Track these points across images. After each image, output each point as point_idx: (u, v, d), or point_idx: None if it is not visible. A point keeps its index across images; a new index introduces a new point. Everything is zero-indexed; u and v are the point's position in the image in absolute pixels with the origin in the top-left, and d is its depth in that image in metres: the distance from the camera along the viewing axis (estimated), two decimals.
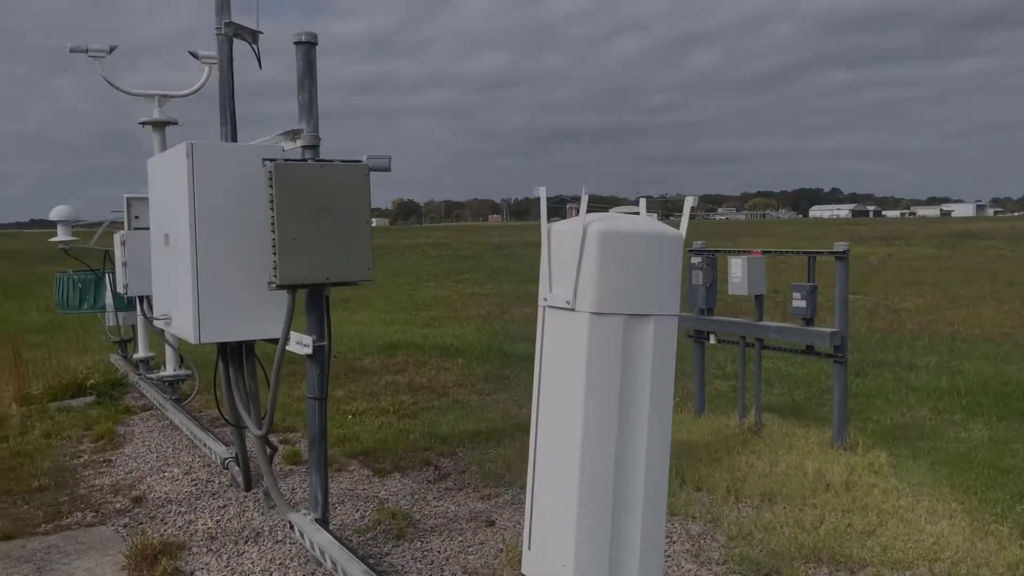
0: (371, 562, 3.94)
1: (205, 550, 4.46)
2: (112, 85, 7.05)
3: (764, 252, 6.51)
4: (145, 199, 7.63)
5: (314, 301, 4.08)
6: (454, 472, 5.74)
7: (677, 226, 2.62)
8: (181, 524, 4.84)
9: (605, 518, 2.53)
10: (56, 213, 8.40)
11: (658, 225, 2.57)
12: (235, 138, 5.01)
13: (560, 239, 2.61)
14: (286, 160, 3.83)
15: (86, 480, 5.67)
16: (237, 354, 4.53)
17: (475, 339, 12.45)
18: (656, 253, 2.50)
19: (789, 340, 6.32)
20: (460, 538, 4.60)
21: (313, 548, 4.01)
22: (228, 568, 4.24)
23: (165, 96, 7.20)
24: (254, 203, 4.16)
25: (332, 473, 5.41)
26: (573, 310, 2.49)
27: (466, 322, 14.67)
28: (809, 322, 6.18)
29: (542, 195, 2.69)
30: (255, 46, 5.17)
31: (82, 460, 6.14)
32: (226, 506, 5.12)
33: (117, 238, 7.15)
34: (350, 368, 9.74)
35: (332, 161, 3.91)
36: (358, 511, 5.03)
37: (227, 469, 5.42)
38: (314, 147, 4.02)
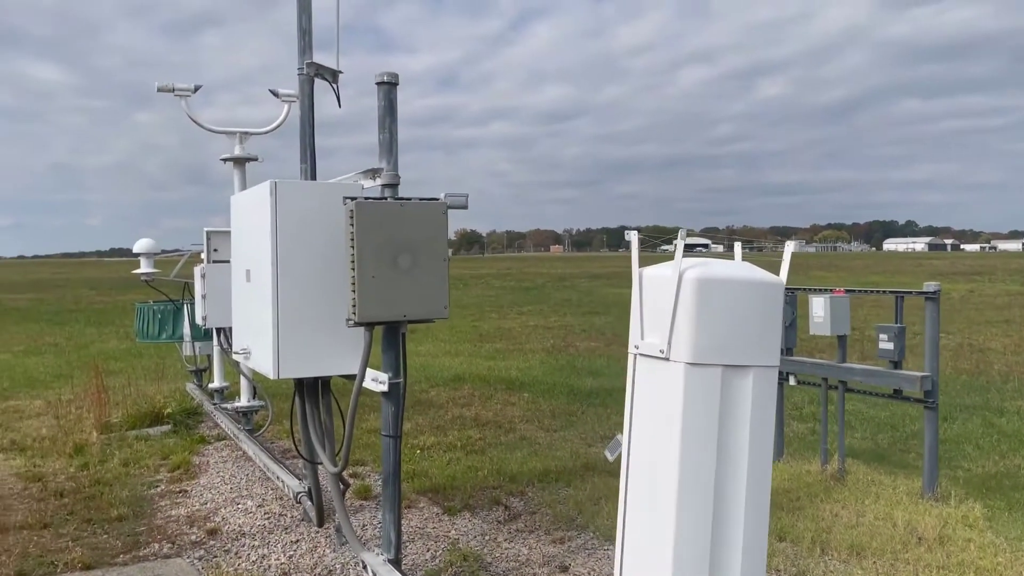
0: None
1: None
2: (196, 123, 7.28)
3: (848, 291, 6.27)
4: (224, 233, 7.83)
5: (391, 338, 4.07)
6: (524, 513, 5.64)
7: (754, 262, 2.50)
8: (255, 559, 4.85)
9: (702, 569, 2.39)
10: (140, 246, 8.69)
11: (756, 271, 2.45)
12: (315, 176, 5.09)
13: (653, 285, 2.50)
14: (366, 199, 3.85)
15: (163, 510, 5.75)
16: (313, 389, 4.55)
17: (540, 373, 12.35)
18: (756, 301, 2.38)
19: (876, 383, 6.05)
20: None
21: None
22: None
23: (246, 133, 7.40)
24: (334, 241, 4.20)
25: (402, 510, 5.37)
26: (667, 359, 2.38)
27: (530, 355, 14.60)
28: (897, 365, 5.90)
29: (633, 240, 2.60)
30: (335, 85, 5.27)
31: (159, 490, 6.24)
32: (299, 541, 5.11)
33: (197, 271, 7.33)
34: (417, 401, 9.75)
35: (411, 199, 3.92)
36: (429, 551, 4.96)
37: (300, 503, 5.43)
38: (394, 185, 4.04)
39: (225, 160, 7.38)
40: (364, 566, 4.28)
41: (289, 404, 8.73)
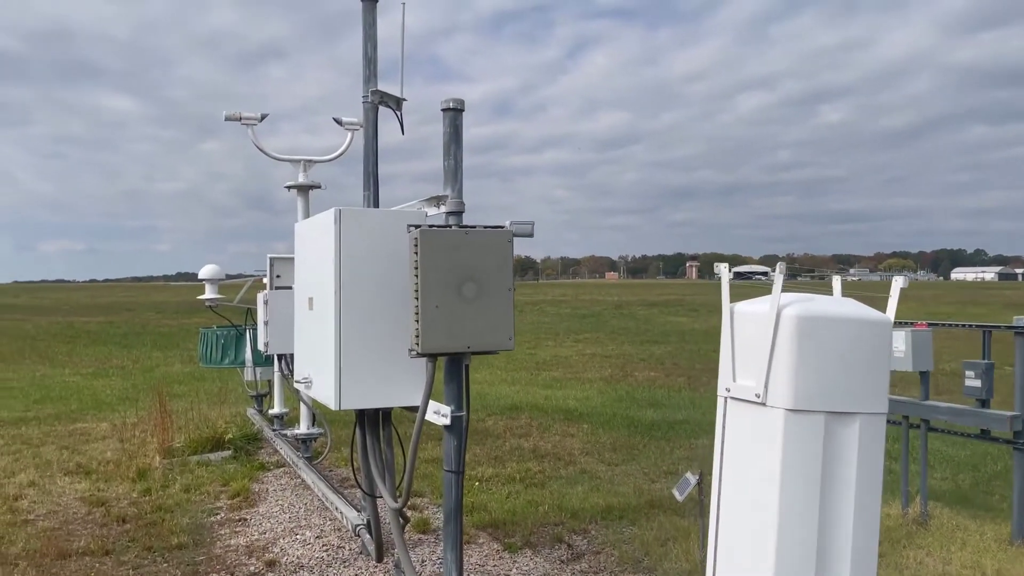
0: None
1: None
2: (262, 151, 7.36)
3: (931, 324, 5.95)
4: (287, 259, 7.87)
5: (454, 370, 3.96)
6: (588, 552, 5.43)
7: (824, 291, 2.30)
8: None
9: None
10: (205, 272, 8.81)
11: (861, 308, 2.24)
12: (377, 203, 5.06)
13: (747, 322, 2.31)
14: (430, 226, 3.77)
15: (222, 539, 5.72)
16: (374, 421, 4.46)
17: (599, 403, 12.12)
18: (862, 341, 2.17)
19: (963, 423, 5.70)
20: None
21: None
22: None
23: (310, 161, 7.45)
24: (397, 269, 4.13)
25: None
26: (764, 404, 2.19)
27: (588, 384, 14.36)
28: (985, 404, 5.55)
29: (723, 273, 2.42)
30: (399, 112, 5.25)
31: (218, 518, 6.22)
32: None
33: (260, 297, 7.37)
34: (474, 430, 9.62)
35: (475, 227, 3.82)
36: None
37: (358, 536, 5.33)
38: (459, 213, 3.95)
39: (289, 187, 7.44)
40: None
41: (347, 430, 8.71)
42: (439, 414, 3.96)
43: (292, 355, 7.27)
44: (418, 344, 3.66)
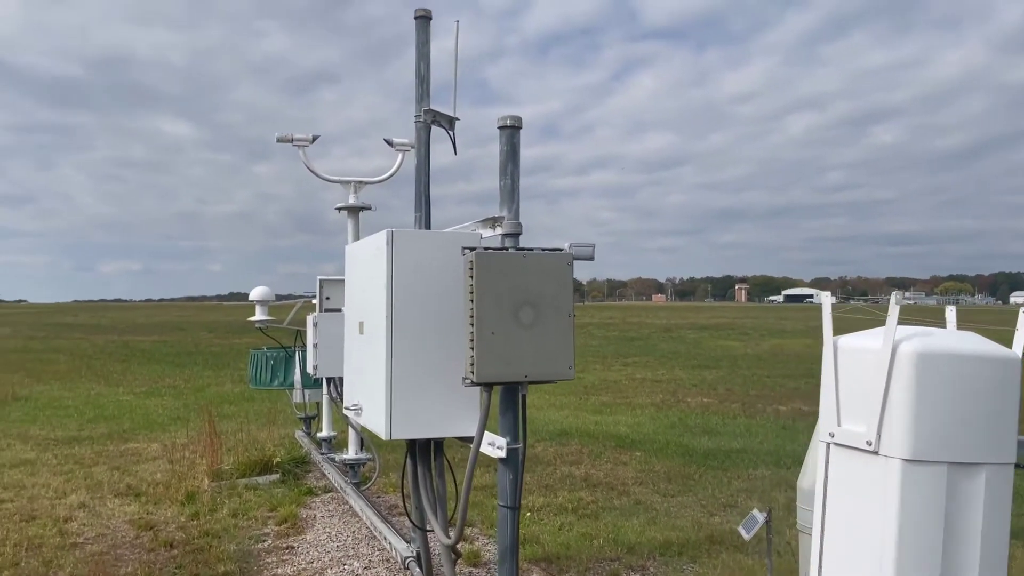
0: None
1: None
2: (313, 172, 7.32)
3: None
4: (336, 281, 7.81)
5: (509, 399, 3.77)
6: None
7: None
8: None
9: None
10: (255, 294, 8.80)
11: (984, 343, 1.98)
12: (429, 224, 4.92)
13: (854, 359, 2.04)
14: (485, 248, 3.60)
15: (269, 568, 5.58)
16: (426, 451, 4.29)
17: (651, 430, 11.79)
18: (989, 382, 1.90)
19: None
20: None
21: None
22: None
23: (361, 183, 7.38)
24: (451, 293, 3.97)
25: None
26: (876, 453, 1.94)
27: (639, 410, 14.03)
28: None
29: (825, 302, 2.17)
30: (451, 132, 5.13)
31: (266, 544, 6.10)
32: None
33: (310, 319, 7.30)
34: None
35: (533, 250, 3.65)
36: None
37: (408, 569, 5.14)
38: (515, 235, 3.78)
39: (339, 209, 7.38)
40: None
41: (395, 455, 8.58)
42: (494, 446, 3.78)
43: (341, 378, 7.19)
44: (473, 372, 3.48)
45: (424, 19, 5.12)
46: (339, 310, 7.43)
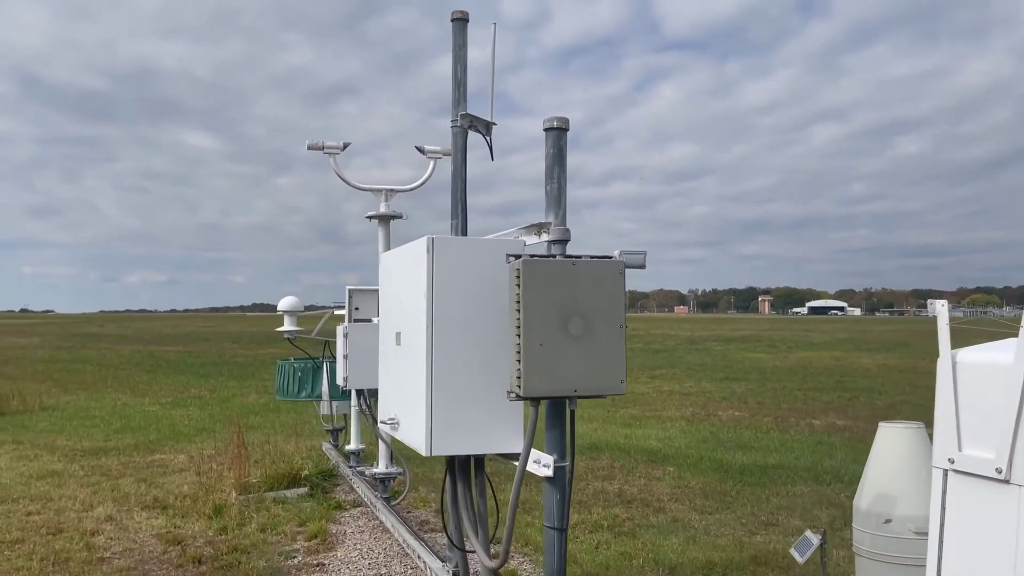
0: None
1: None
2: (344, 180, 7.20)
3: None
4: (366, 291, 7.67)
5: (556, 414, 3.59)
6: None
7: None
8: None
9: None
10: (284, 304, 8.68)
11: None
12: (466, 232, 4.76)
13: (979, 377, 1.82)
14: (531, 256, 3.43)
15: None
16: (466, 468, 4.10)
17: (683, 444, 11.53)
18: None
19: None
20: None
21: None
22: None
23: (392, 191, 7.25)
24: (492, 303, 3.80)
25: None
26: (1007, 482, 1.73)
27: (669, 423, 13.76)
28: None
29: (941, 313, 1.97)
30: (488, 137, 4.96)
31: (296, 561, 5.94)
32: None
33: (340, 330, 7.15)
34: None
35: (581, 257, 3.47)
36: None
37: None
38: (563, 242, 3.60)
39: (370, 218, 7.24)
40: None
41: (423, 468, 8.40)
42: (540, 464, 3.59)
43: (372, 390, 7.03)
44: (519, 387, 3.30)
45: (461, 21, 4.96)
46: (369, 320, 7.28)
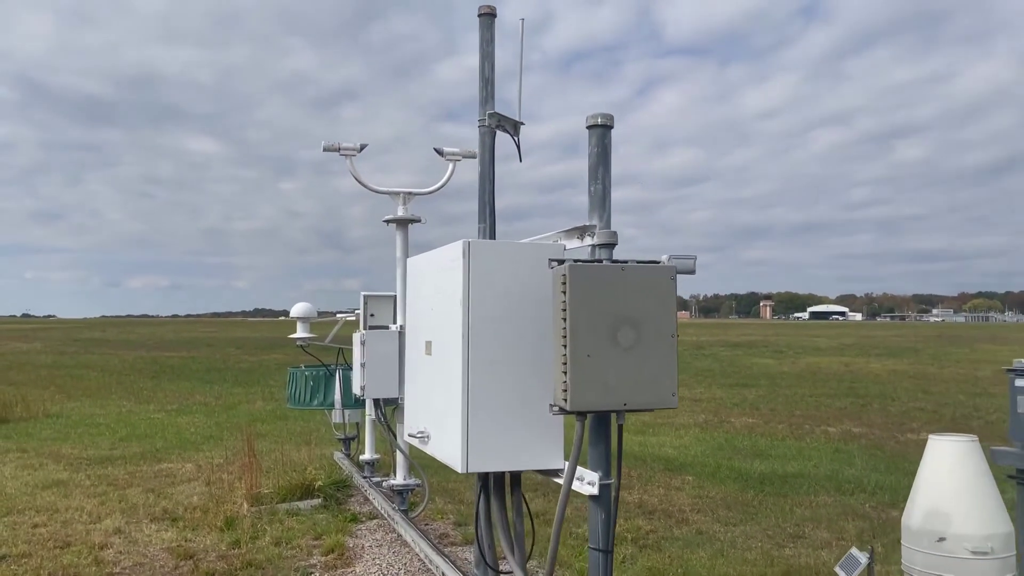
0: None
1: None
2: (360, 182, 7.00)
3: None
4: (381, 297, 7.48)
5: (601, 429, 3.39)
6: None
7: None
8: None
9: None
10: (297, 310, 8.48)
11: None
12: (494, 235, 4.56)
13: None
14: (576, 261, 3.23)
15: None
16: (501, 484, 3.90)
17: (699, 452, 11.32)
18: None
19: None
20: None
21: None
22: None
23: (410, 194, 7.05)
24: (531, 311, 3.60)
25: None
26: None
27: (683, 431, 13.54)
28: None
29: None
30: (516, 137, 4.77)
31: None
32: None
33: (356, 337, 6.95)
34: None
35: (628, 262, 3.26)
36: None
37: None
38: (610, 246, 3.40)
39: (388, 221, 7.05)
40: None
41: (438, 477, 8.18)
42: (583, 481, 3.39)
43: (390, 399, 6.82)
44: (566, 400, 3.10)
45: (488, 16, 4.76)
46: (386, 327, 7.08)
